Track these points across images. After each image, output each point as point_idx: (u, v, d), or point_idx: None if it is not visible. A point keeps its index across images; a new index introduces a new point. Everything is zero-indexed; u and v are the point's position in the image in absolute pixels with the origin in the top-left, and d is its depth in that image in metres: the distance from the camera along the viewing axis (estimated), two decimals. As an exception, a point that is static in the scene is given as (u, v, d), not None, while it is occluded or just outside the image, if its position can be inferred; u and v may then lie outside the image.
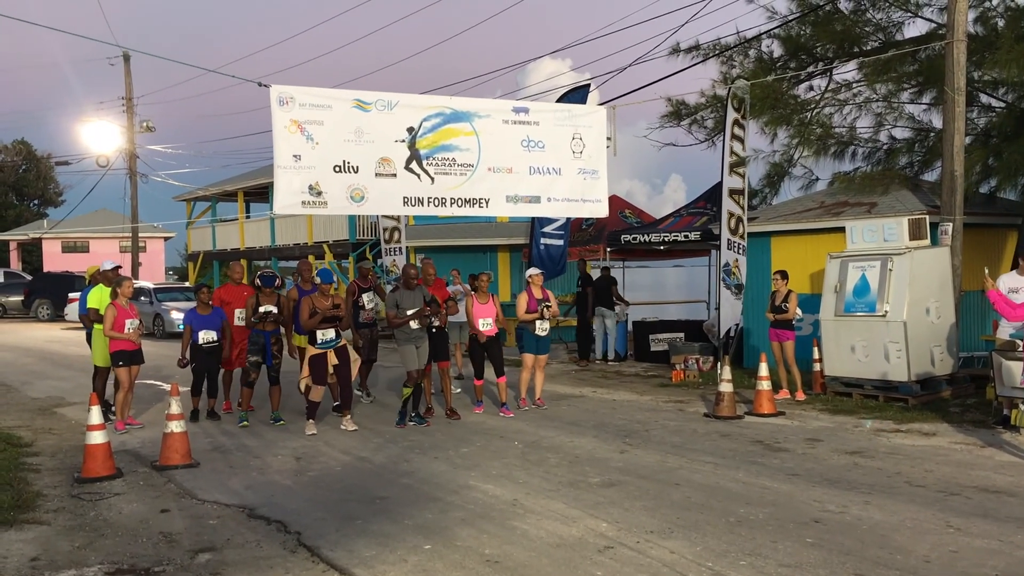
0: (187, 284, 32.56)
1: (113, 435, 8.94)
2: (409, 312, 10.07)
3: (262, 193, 32.23)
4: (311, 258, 26.37)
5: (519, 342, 11.70)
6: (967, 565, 5.34)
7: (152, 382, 14.35)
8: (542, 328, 11.38)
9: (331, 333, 9.86)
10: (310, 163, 10.02)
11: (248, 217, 34.97)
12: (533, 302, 11.35)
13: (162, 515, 6.77)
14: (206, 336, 10.81)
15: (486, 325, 11.08)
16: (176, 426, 8.37)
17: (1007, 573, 5.22)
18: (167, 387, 10.95)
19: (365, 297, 11.80)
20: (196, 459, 8.49)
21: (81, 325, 11.64)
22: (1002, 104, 14.83)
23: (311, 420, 10.00)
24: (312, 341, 9.86)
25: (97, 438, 7.92)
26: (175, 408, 8.38)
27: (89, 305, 10.76)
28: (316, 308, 9.78)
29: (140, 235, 36.33)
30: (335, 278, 9.92)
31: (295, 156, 9.95)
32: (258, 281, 10.61)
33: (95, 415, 7.96)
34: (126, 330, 10.02)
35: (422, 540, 6.01)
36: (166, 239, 53.00)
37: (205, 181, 39.29)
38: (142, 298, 26.91)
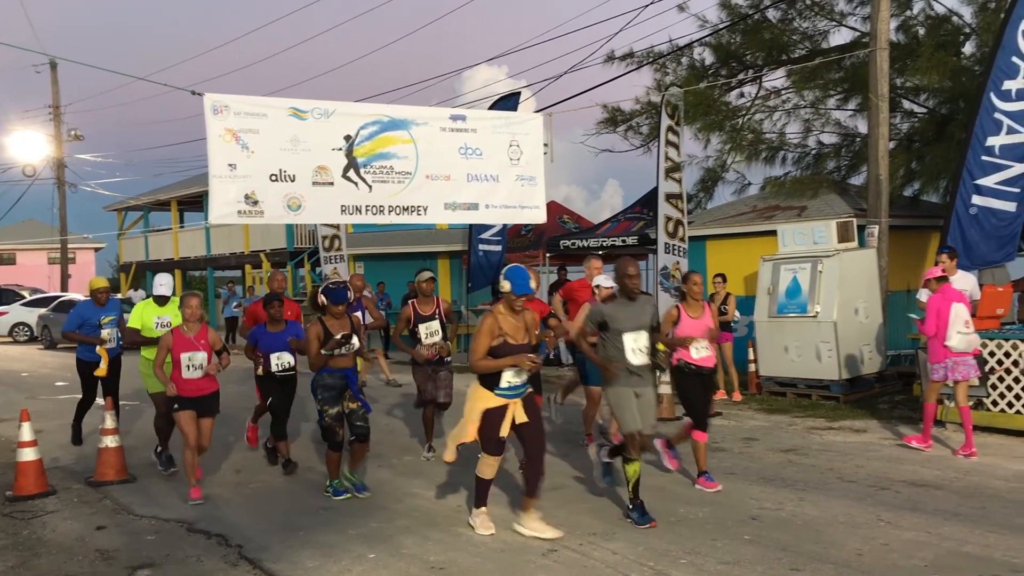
0: (119, 296, 31.81)
1: (46, 452, 8.69)
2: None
3: (196, 202, 31.73)
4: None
5: (581, 370, 9.34)
6: (897, 557, 5.53)
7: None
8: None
9: (524, 374, 6.24)
10: (246, 172, 9.89)
11: (182, 227, 34.40)
12: None
13: (98, 532, 6.64)
14: (279, 360, 8.49)
15: (701, 351, 7.41)
16: (111, 441, 8.20)
17: (935, 564, 5.42)
18: (100, 401, 10.72)
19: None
20: (132, 474, 8.33)
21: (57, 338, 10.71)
22: (924, 110, 15.37)
23: (482, 509, 6.43)
24: (490, 383, 6.21)
25: (28, 455, 7.73)
26: (109, 423, 8.22)
27: (130, 324, 8.99)
28: (505, 335, 6.19)
29: (69, 246, 35.44)
30: (533, 285, 6.53)
31: (230, 165, 9.81)
32: (323, 298, 7.34)
33: (26, 432, 7.77)
34: (184, 367, 7.53)
35: (367, 549, 6.00)
36: (96, 250, 51.80)
37: (137, 190, 38.57)
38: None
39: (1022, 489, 7.09)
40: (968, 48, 14.86)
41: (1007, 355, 9.15)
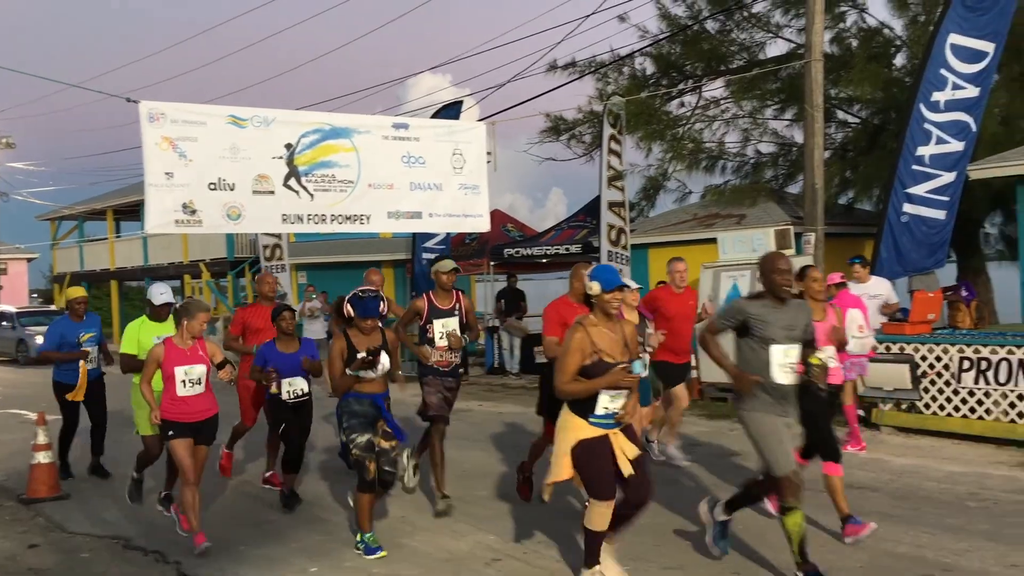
0: (52, 308, 30.99)
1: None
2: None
3: (133, 211, 31.09)
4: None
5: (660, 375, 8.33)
6: (834, 559, 5.64)
7: (17, 411, 13.64)
8: (640, 365, 7.60)
9: (622, 397, 5.16)
10: (183, 181, 9.73)
11: (118, 236, 33.72)
12: None
13: (30, 551, 6.45)
14: (291, 388, 7.34)
15: (828, 360, 5.95)
16: (43, 457, 7.99)
17: (871, 565, 5.55)
18: (33, 416, 10.43)
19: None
20: (66, 491, 8.12)
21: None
22: (857, 120, 15.77)
23: (596, 568, 5.25)
24: (583, 410, 5.15)
25: (-44, 473, 7.49)
26: (42, 438, 8.00)
27: (124, 349, 7.62)
28: (600, 351, 5.09)
29: (1, 256, 34.38)
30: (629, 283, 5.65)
31: (167, 174, 9.64)
32: (349, 308, 6.15)
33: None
34: (179, 383, 6.30)
35: (308, 563, 5.93)
36: (29, 260, 50.35)
37: (71, 199, 37.68)
38: (3, 323, 25.56)
39: (953, 490, 7.29)
40: (899, 60, 15.31)
41: (938, 359, 9.40)
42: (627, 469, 5.09)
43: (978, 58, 11.39)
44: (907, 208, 11.52)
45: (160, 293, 7.85)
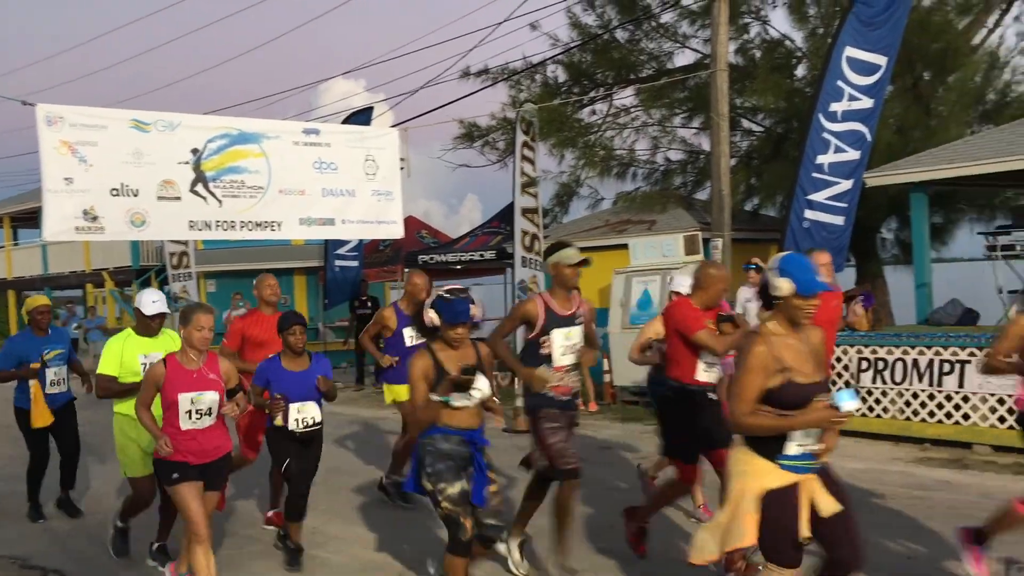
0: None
1: None
2: None
3: (32, 218, 29.96)
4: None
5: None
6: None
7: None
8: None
9: (814, 435, 3.91)
10: (84, 186, 9.43)
11: (16, 244, 32.48)
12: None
13: (-81, 575, 6.15)
14: (301, 415, 5.99)
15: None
16: (-66, 476, 7.60)
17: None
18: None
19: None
20: (-41, 511, 7.75)
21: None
22: (761, 129, 16.25)
23: None
24: (770, 450, 3.89)
25: None
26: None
27: (103, 369, 6.06)
28: (788, 369, 3.84)
29: None
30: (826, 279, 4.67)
31: (67, 179, 9.32)
32: (433, 315, 4.73)
33: None
34: (183, 414, 5.09)
35: (218, 577, 5.79)
36: (-82, 270, 47.98)
37: (-37, 205, 36.02)
38: None
39: (854, 487, 7.54)
40: (800, 71, 15.83)
41: (838, 360, 9.75)
42: (804, 527, 3.86)
43: (872, 71, 11.85)
44: (808, 214, 11.90)
45: (152, 301, 6.15)
